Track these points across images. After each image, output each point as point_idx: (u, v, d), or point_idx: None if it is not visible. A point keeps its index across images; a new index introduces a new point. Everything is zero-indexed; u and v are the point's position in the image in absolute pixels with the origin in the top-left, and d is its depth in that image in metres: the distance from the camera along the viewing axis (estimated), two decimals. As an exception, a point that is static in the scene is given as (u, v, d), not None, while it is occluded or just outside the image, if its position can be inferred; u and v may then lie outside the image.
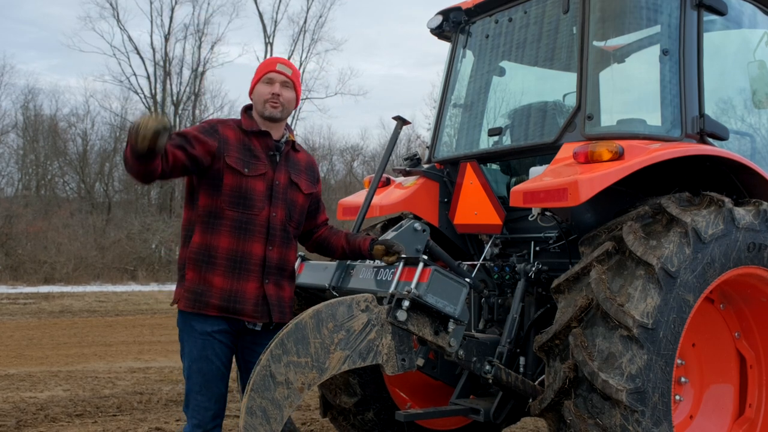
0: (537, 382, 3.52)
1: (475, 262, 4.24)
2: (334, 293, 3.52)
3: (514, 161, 4.43)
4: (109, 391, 7.20)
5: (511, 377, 3.44)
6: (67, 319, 13.98)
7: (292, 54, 33.96)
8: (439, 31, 4.79)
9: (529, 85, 4.58)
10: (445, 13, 4.71)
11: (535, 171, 3.73)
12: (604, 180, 3.24)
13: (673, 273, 3.09)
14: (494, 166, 4.53)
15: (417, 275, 3.01)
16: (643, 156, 3.34)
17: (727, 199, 3.37)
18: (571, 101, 3.94)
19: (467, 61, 4.74)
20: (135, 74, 32.59)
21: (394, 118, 4.11)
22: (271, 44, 34.43)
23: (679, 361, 3.50)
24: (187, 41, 40.62)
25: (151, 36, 44.79)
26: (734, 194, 3.63)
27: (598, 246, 3.30)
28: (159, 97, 32.27)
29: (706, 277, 3.23)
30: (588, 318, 3.15)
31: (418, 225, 3.58)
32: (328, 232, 3.55)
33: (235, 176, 3.13)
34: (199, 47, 32.93)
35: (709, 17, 3.94)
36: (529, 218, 3.93)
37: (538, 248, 4.09)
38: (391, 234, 3.54)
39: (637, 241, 3.16)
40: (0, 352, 9.62)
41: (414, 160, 4.63)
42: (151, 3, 37.10)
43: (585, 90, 3.77)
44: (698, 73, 3.82)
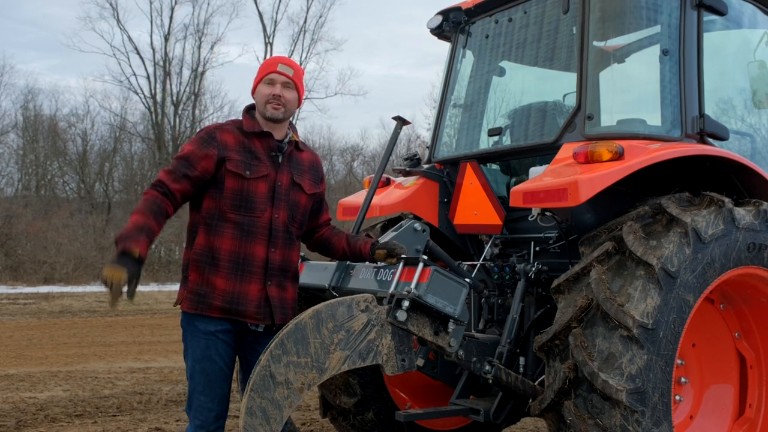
0: (537, 382, 3.52)
1: (475, 262, 4.24)
2: (334, 293, 3.52)
3: (514, 161, 4.43)
4: (109, 391, 7.20)
5: (511, 377, 3.44)
6: (66, 319, 13.98)
7: (292, 54, 33.96)
8: (439, 31, 4.79)
9: (529, 85, 4.58)
10: (445, 13, 4.71)
11: (535, 171, 3.72)
12: (604, 180, 3.24)
13: (673, 273, 3.09)
14: (494, 166, 4.52)
15: (417, 275, 3.01)
16: (643, 156, 3.33)
17: (727, 199, 3.37)
18: (571, 101, 3.94)
19: (467, 61, 4.73)
20: (135, 74, 32.60)
21: (394, 118, 4.11)
22: (271, 44, 34.44)
23: (679, 361, 3.50)
24: (187, 41, 40.60)
25: (151, 36, 44.76)
26: (734, 194, 3.63)
27: (598, 246, 3.29)
28: (159, 97, 32.27)
29: (706, 277, 3.23)
30: (588, 318, 3.15)
31: (418, 225, 3.58)
32: (329, 233, 3.54)
33: (237, 180, 3.13)
34: (199, 47, 32.93)
35: (709, 17, 3.94)
36: (529, 218, 3.93)
37: (538, 248, 4.09)
38: (390, 234, 3.54)
39: (637, 241, 3.16)
40: (0, 352, 9.62)
41: (414, 160, 4.63)
42: (151, 3, 37.06)
43: (585, 90, 3.76)
44: (698, 73, 3.82)
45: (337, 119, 53.20)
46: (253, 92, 3.32)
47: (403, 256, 3.24)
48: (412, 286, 2.98)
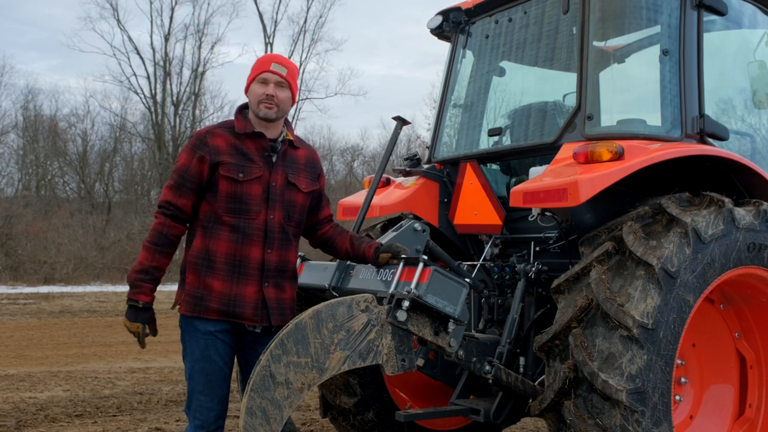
0: (537, 382, 3.52)
1: (475, 262, 4.24)
2: (334, 293, 3.52)
3: (514, 161, 4.43)
4: (109, 391, 7.20)
5: (511, 377, 3.44)
6: (67, 319, 13.98)
7: (292, 54, 33.96)
8: (439, 32, 4.79)
9: (529, 86, 4.58)
10: (445, 14, 4.71)
11: (535, 171, 3.72)
12: (604, 180, 3.24)
13: (673, 273, 3.09)
14: (494, 167, 4.52)
15: (417, 275, 3.01)
16: (643, 156, 3.33)
17: (727, 200, 3.37)
18: (571, 101, 3.94)
19: (467, 62, 4.73)
20: (135, 74, 32.55)
21: (394, 118, 4.11)
22: (271, 44, 34.41)
23: (679, 361, 3.50)
24: (187, 41, 40.48)
25: (151, 36, 44.71)
26: (734, 194, 3.63)
27: (598, 246, 3.29)
28: (159, 98, 32.26)
29: (706, 277, 3.23)
30: (588, 318, 3.15)
31: (418, 225, 3.58)
32: (332, 232, 3.52)
33: (230, 183, 3.12)
34: (199, 47, 32.89)
35: (709, 17, 3.94)
36: (529, 218, 3.93)
37: (538, 248, 4.09)
38: (390, 234, 3.54)
39: (637, 241, 3.16)
40: (0, 352, 9.62)
41: (414, 160, 4.63)
42: (151, 3, 37.00)
43: (585, 90, 3.76)
44: (698, 73, 3.82)
45: (337, 119, 53.24)
46: (246, 91, 3.29)
47: (404, 256, 3.24)
48: (412, 286, 2.98)
